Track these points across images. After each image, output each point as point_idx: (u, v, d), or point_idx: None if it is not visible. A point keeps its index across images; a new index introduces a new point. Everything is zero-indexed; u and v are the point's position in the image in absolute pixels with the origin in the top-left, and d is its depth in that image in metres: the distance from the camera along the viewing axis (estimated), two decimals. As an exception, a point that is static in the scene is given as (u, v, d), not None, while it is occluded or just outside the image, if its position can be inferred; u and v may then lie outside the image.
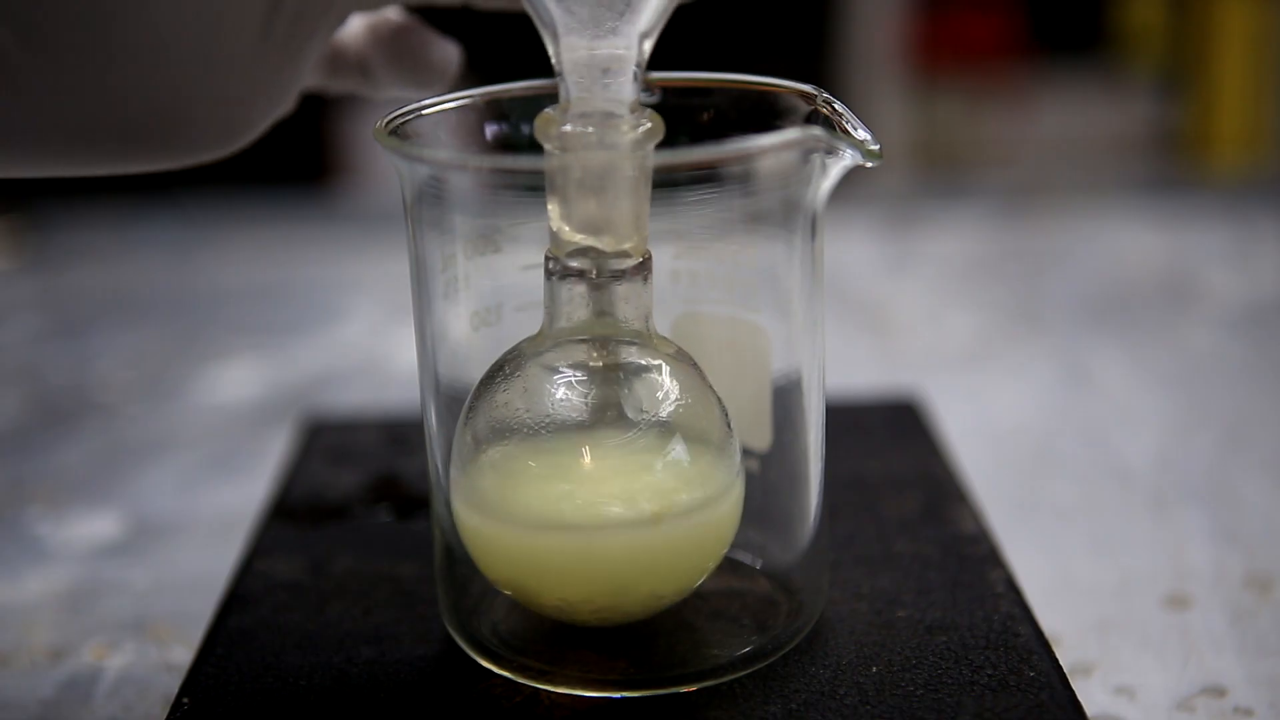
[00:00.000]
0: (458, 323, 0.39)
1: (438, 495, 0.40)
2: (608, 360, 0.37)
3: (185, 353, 0.78)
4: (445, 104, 0.39)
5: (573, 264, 0.37)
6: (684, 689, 0.37)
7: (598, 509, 0.37)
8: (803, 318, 0.39)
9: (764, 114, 0.39)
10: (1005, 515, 0.52)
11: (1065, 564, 0.52)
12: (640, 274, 0.37)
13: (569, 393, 0.37)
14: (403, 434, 0.54)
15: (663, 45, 0.37)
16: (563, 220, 0.36)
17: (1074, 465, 0.61)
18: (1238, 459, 0.60)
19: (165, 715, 0.37)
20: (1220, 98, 1.74)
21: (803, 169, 0.37)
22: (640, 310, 0.37)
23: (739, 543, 0.40)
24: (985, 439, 0.62)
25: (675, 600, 0.39)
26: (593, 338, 0.37)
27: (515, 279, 0.39)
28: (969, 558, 0.43)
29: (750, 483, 0.39)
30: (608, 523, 0.36)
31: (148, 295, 0.90)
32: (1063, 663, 0.38)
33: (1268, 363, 0.73)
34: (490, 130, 0.40)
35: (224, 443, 0.66)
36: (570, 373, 0.37)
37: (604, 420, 0.37)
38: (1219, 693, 0.43)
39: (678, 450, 0.37)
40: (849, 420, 0.53)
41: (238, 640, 0.40)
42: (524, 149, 0.39)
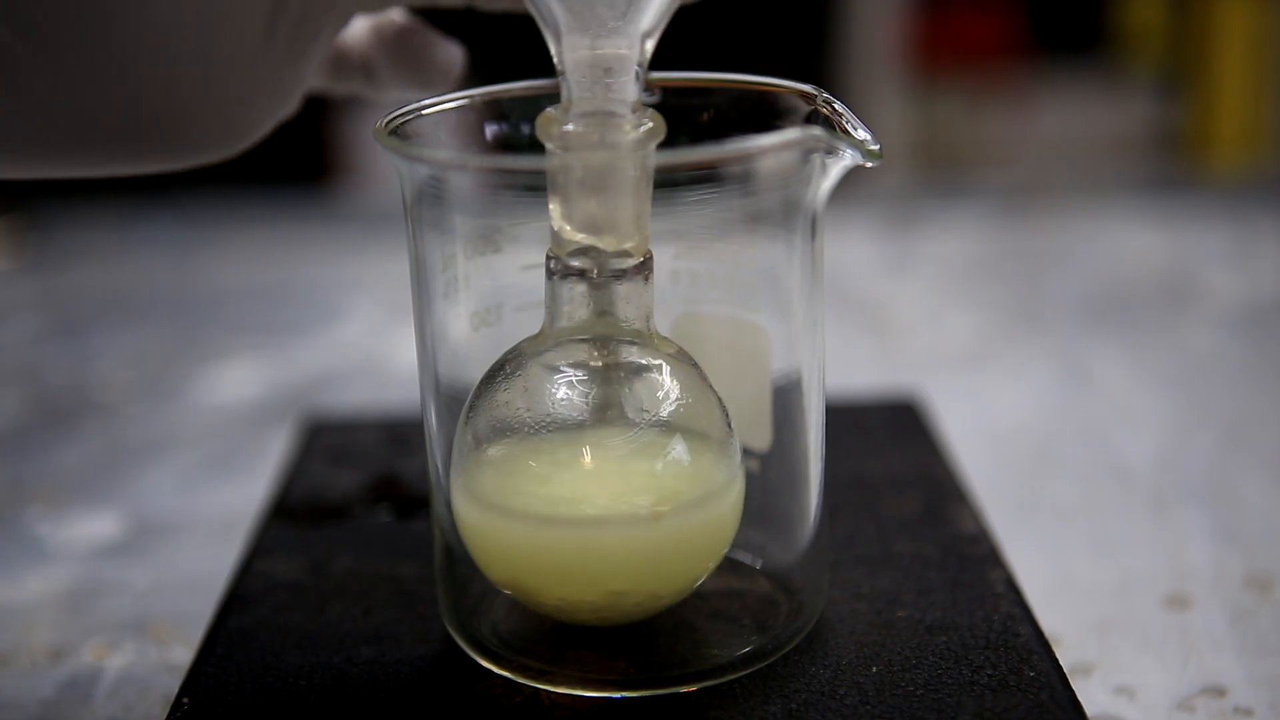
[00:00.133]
0: (458, 323, 0.39)
1: (438, 495, 0.40)
2: (608, 360, 0.37)
3: (185, 353, 0.78)
4: (445, 104, 0.39)
5: (574, 263, 0.37)
6: (684, 689, 0.37)
7: (598, 506, 0.37)
8: (803, 318, 0.39)
9: (764, 114, 0.39)
10: (1005, 515, 0.52)
11: (1065, 564, 0.52)
12: (641, 274, 0.37)
13: (570, 392, 0.37)
14: (403, 434, 0.54)
15: (663, 45, 0.37)
16: (564, 220, 0.36)
17: (1074, 465, 0.61)
18: (1238, 459, 0.60)
19: (165, 715, 0.37)
20: (1220, 98, 1.74)
21: (803, 169, 0.37)
22: (641, 310, 0.37)
23: (739, 543, 0.40)
24: (985, 439, 0.62)
25: (675, 600, 0.39)
26: (594, 337, 0.37)
27: (515, 279, 0.39)
28: (969, 558, 0.43)
29: (750, 483, 0.39)
30: (608, 520, 0.36)
31: (148, 295, 0.90)
32: (1063, 663, 0.38)
33: (1268, 363, 0.73)
34: (490, 130, 0.40)
35: (224, 443, 0.66)
36: (571, 372, 0.37)
37: (604, 419, 0.37)
38: (1219, 693, 0.43)
39: (678, 449, 0.37)
40: (849, 420, 0.53)
41: (238, 640, 0.40)
42: (524, 149, 0.39)
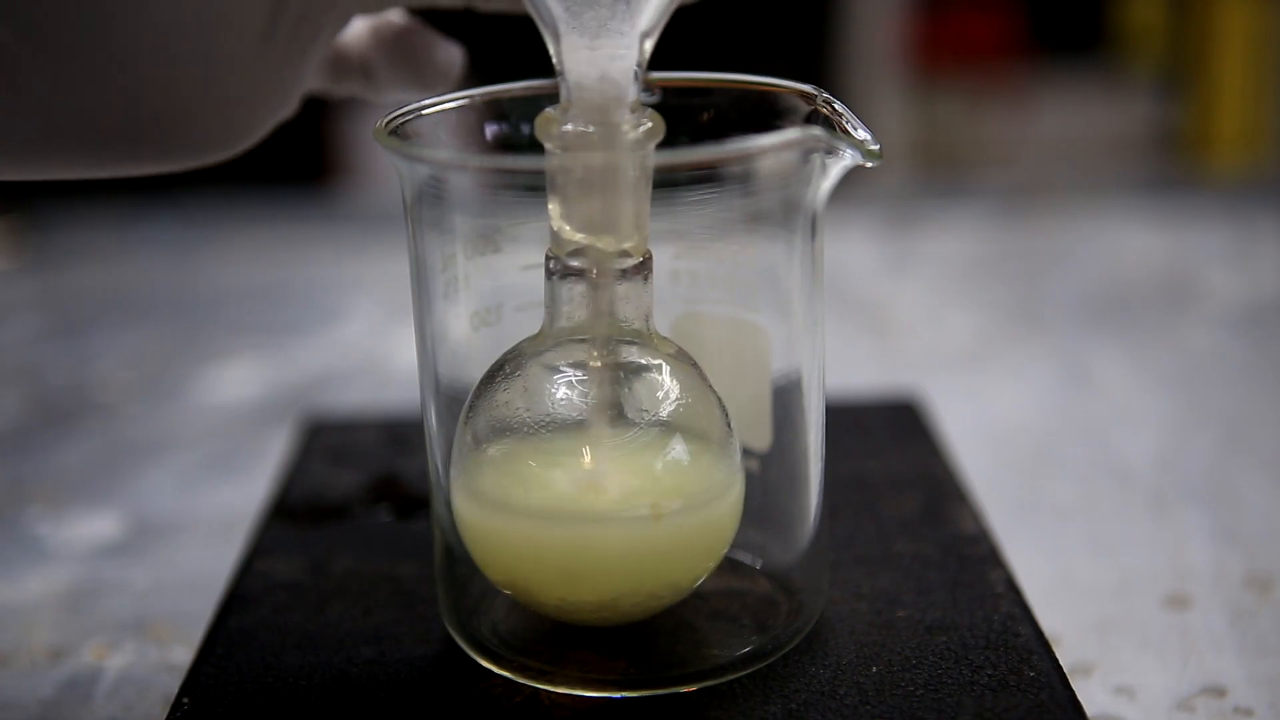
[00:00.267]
0: (458, 323, 0.39)
1: (438, 495, 0.40)
2: (608, 360, 0.37)
3: (185, 353, 0.78)
4: (445, 104, 0.39)
5: (573, 263, 0.37)
6: (684, 689, 0.37)
7: (597, 505, 0.37)
8: (803, 318, 0.39)
9: (764, 114, 0.39)
10: (1005, 515, 0.52)
11: (1065, 564, 0.52)
12: (641, 273, 0.37)
13: (569, 392, 0.37)
14: (403, 434, 0.54)
15: (663, 45, 0.37)
16: (563, 220, 0.36)
17: (1074, 465, 0.61)
18: (1238, 459, 0.60)
19: (165, 715, 0.37)
20: (1220, 98, 1.74)
21: (803, 169, 0.37)
22: (640, 310, 0.37)
23: (739, 543, 0.40)
24: (985, 439, 0.62)
25: (675, 600, 0.39)
26: (593, 337, 0.37)
27: (515, 279, 0.39)
28: (969, 558, 0.43)
29: (750, 483, 0.39)
30: (607, 519, 0.36)
31: (148, 295, 0.90)
32: (1063, 663, 0.38)
33: (1268, 363, 0.73)
34: (490, 130, 0.40)
35: (224, 443, 0.66)
36: (570, 372, 0.37)
37: (604, 419, 0.37)
38: (1219, 693, 0.43)
39: (678, 449, 0.37)
40: (849, 420, 0.53)
41: (238, 640, 0.40)
42: (524, 149, 0.39)
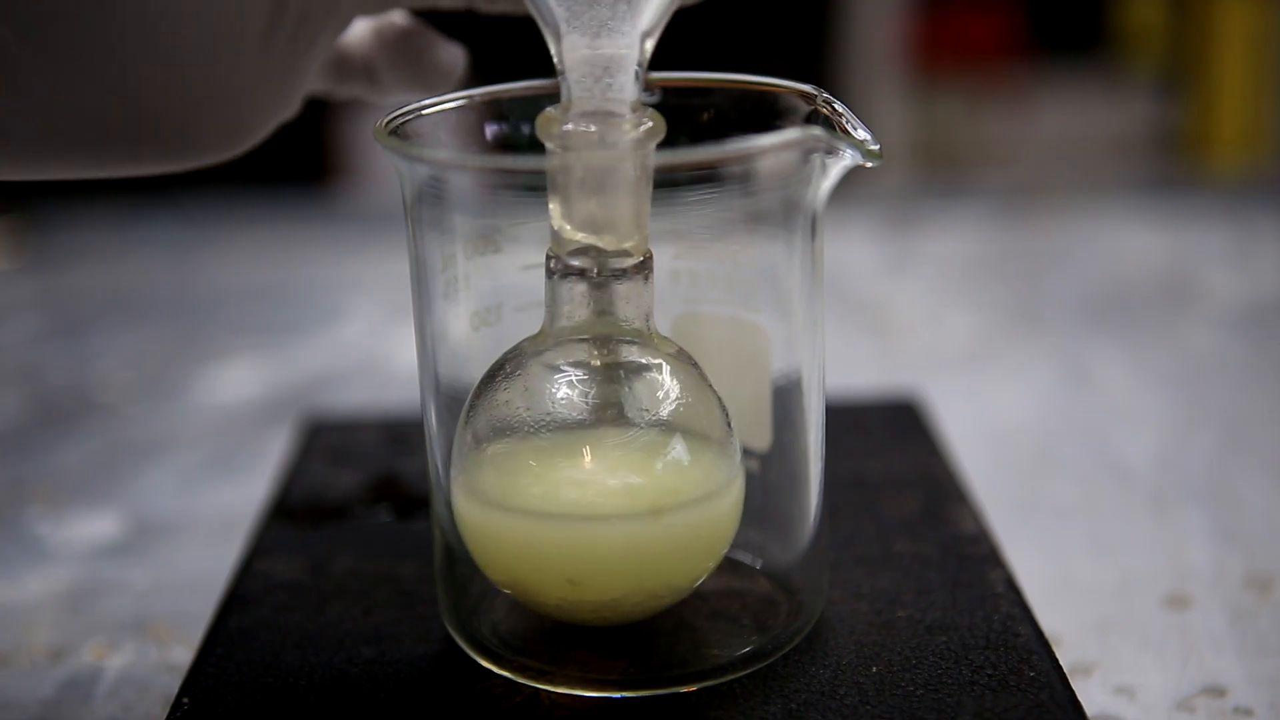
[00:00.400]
0: (458, 323, 0.39)
1: (438, 495, 0.40)
2: (608, 359, 0.37)
3: (185, 353, 0.78)
4: (445, 104, 0.39)
5: (574, 262, 0.37)
6: (684, 689, 0.37)
7: (597, 503, 0.37)
8: (803, 318, 0.39)
9: (764, 114, 0.39)
10: (1005, 515, 0.52)
11: (1065, 564, 0.52)
12: (641, 273, 0.37)
13: (570, 391, 0.37)
14: (403, 434, 0.54)
15: (663, 45, 0.37)
16: (564, 219, 0.36)
17: (1074, 465, 0.61)
18: (1238, 459, 0.60)
19: (165, 715, 0.37)
20: (1220, 98, 1.74)
21: (803, 169, 0.37)
22: (641, 309, 0.37)
23: (739, 543, 0.40)
24: (985, 439, 0.62)
25: (675, 599, 0.39)
26: (594, 337, 0.37)
27: (515, 279, 0.39)
28: (969, 558, 0.43)
29: (750, 483, 0.39)
30: (607, 519, 0.36)
31: (148, 295, 0.90)
32: (1063, 663, 0.38)
33: (1268, 363, 0.73)
34: (490, 130, 0.40)
35: (224, 443, 0.66)
36: (571, 371, 0.37)
37: (605, 418, 0.37)
38: (1219, 693, 0.43)
39: (678, 448, 0.37)
40: (849, 420, 0.53)
41: (238, 640, 0.40)
42: (524, 149, 0.39)
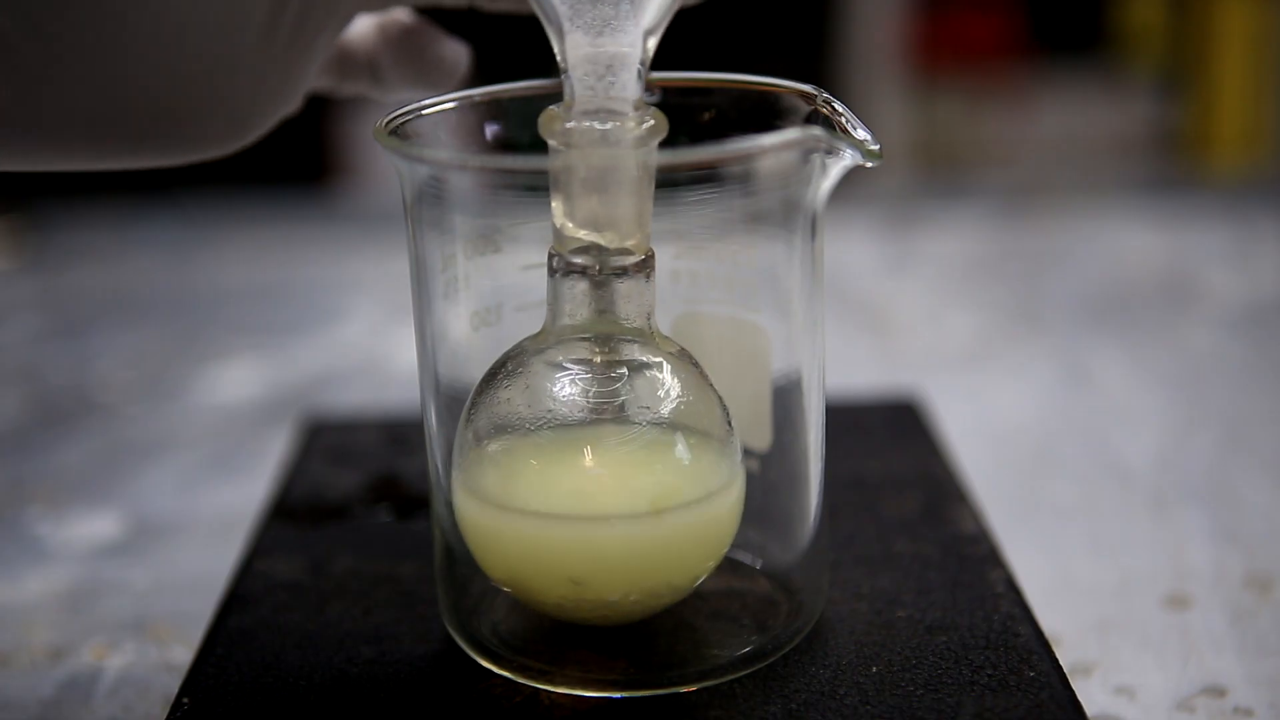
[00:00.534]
0: (458, 323, 0.39)
1: (438, 495, 0.40)
2: (609, 357, 0.37)
3: (185, 353, 0.78)
4: (445, 104, 0.39)
5: (576, 260, 0.37)
6: (684, 689, 0.37)
7: (598, 501, 0.37)
8: (803, 318, 0.39)
9: (764, 114, 0.39)
10: (1005, 515, 0.51)
11: (1065, 564, 0.52)
12: (642, 271, 0.37)
13: (571, 389, 0.37)
14: (403, 434, 0.54)
15: (663, 45, 0.37)
16: (566, 217, 0.36)
17: (1074, 465, 0.61)
18: (1238, 459, 0.60)
19: (165, 715, 0.37)
20: (1220, 98, 1.74)
21: (803, 169, 0.37)
22: (642, 308, 0.37)
23: (739, 543, 0.40)
24: (985, 439, 0.62)
25: (675, 599, 0.39)
26: (595, 335, 0.37)
27: (515, 279, 0.39)
28: (969, 558, 0.43)
29: (750, 483, 0.39)
30: (608, 517, 0.36)
31: (148, 295, 0.90)
32: (1063, 663, 0.38)
33: (1268, 363, 0.73)
34: (490, 130, 0.40)
35: (224, 443, 0.66)
36: (572, 369, 0.37)
37: (605, 417, 0.37)
38: (1219, 693, 0.43)
39: (678, 447, 0.37)
40: (849, 420, 0.53)
41: (238, 640, 0.40)
42: (524, 149, 0.39)
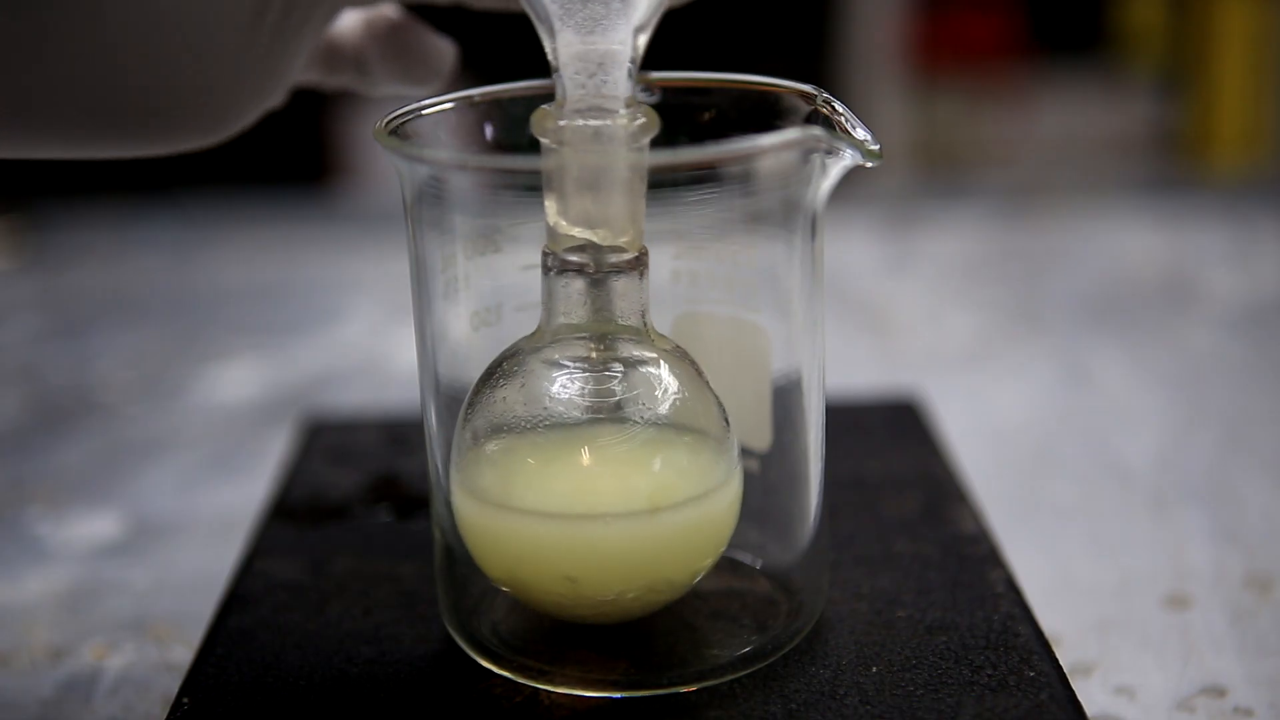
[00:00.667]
0: (458, 323, 0.39)
1: (438, 495, 0.40)
2: (605, 355, 0.37)
3: (185, 353, 0.78)
4: (445, 104, 0.39)
5: (570, 258, 0.37)
6: (684, 689, 0.37)
7: (595, 499, 0.37)
8: (803, 318, 0.39)
9: (764, 114, 0.39)
10: (1005, 515, 0.51)
11: (1065, 564, 0.52)
12: (636, 269, 0.37)
13: (567, 387, 0.37)
14: (403, 434, 0.54)
15: (664, 45, 0.37)
16: (559, 215, 0.36)
17: (1074, 465, 0.61)
18: (1238, 459, 0.60)
19: (165, 715, 0.37)
20: (1220, 98, 1.74)
21: (803, 169, 0.37)
22: (637, 306, 0.37)
23: (739, 543, 0.40)
24: (985, 439, 0.62)
25: (674, 596, 0.39)
26: (590, 333, 0.37)
27: (515, 279, 0.39)
28: (969, 558, 0.43)
29: (750, 483, 0.39)
30: (605, 512, 0.36)
31: (148, 295, 0.90)
32: (1063, 663, 0.38)
33: (1268, 363, 0.73)
34: (490, 130, 0.40)
35: (224, 443, 0.66)
36: (568, 368, 0.37)
37: (602, 414, 0.37)
38: (1219, 693, 0.43)
39: (676, 444, 0.37)
40: (849, 420, 0.53)
41: (238, 640, 0.40)
42: (524, 149, 0.39)
